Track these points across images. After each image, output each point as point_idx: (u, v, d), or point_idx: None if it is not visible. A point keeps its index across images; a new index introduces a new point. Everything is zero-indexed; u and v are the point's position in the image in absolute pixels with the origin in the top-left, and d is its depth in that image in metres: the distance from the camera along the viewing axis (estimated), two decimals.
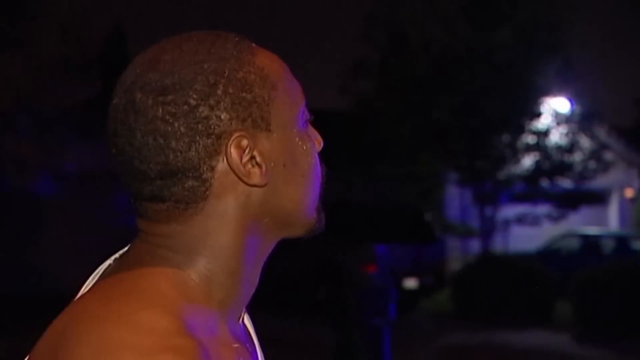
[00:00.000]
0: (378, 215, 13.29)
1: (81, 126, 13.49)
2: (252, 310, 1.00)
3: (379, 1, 15.44)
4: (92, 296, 0.83)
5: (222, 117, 0.85)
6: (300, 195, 0.91)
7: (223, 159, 0.86)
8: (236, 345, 0.87)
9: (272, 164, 0.88)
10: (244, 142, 0.86)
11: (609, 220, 24.63)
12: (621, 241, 17.56)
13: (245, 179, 0.86)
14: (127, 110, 0.86)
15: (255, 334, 1.00)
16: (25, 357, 0.84)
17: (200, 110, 0.85)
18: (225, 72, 0.86)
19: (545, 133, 15.76)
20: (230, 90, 0.86)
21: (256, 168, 0.87)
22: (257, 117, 0.87)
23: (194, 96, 0.85)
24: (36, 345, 0.81)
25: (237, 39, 0.90)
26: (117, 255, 0.92)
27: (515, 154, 15.58)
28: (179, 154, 0.85)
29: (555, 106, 16.14)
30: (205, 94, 0.85)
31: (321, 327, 5.91)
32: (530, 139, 15.68)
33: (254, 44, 0.92)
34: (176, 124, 0.84)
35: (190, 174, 0.85)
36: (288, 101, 0.90)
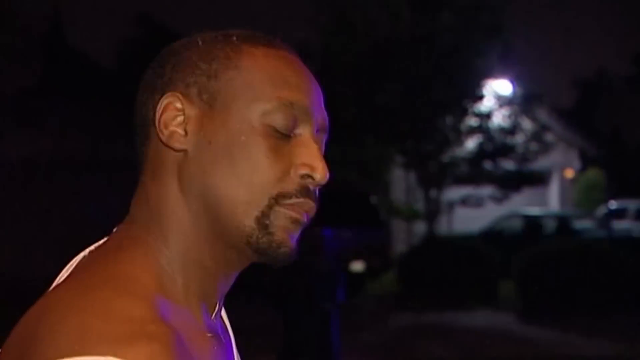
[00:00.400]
0: (324, 198, 13.25)
1: (21, 113, 13.21)
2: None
3: None
4: (67, 286, 0.82)
5: (174, 77, 0.90)
6: (227, 184, 0.87)
7: None
8: (210, 335, 0.87)
9: (199, 137, 0.88)
10: (178, 105, 0.88)
11: (550, 201, 25.09)
12: (562, 221, 17.91)
13: (163, 138, 0.88)
14: None
15: (232, 332, 0.99)
16: None
17: (165, 67, 0.91)
18: (199, 43, 0.91)
19: (487, 115, 15.95)
20: (193, 57, 0.90)
21: (181, 134, 0.88)
22: (202, 88, 0.89)
23: (168, 55, 0.92)
24: (9, 336, 0.80)
25: (261, 34, 0.93)
26: (92, 247, 0.91)
27: (459, 136, 15.75)
28: (142, 104, 0.91)
29: (497, 88, 16.34)
30: (174, 55, 0.91)
31: (269, 313, 5.91)
32: (473, 122, 15.86)
33: (276, 41, 0.93)
34: (148, 76, 0.92)
35: (141, 126, 0.91)
36: (252, 91, 0.88)
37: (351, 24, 15.16)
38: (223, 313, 0.98)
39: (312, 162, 0.89)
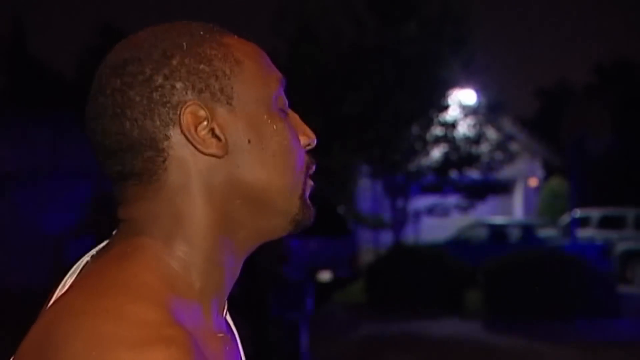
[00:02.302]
0: None
1: None
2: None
3: None
4: (75, 293, 0.80)
5: (177, 86, 0.86)
6: (271, 175, 0.89)
7: (178, 128, 0.86)
8: (221, 335, 0.87)
9: (233, 138, 0.88)
10: (201, 113, 0.86)
11: (514, 209, 25.31)
12: (526, 229, 18.06)
13: (200, 148, 0.86)
14: (95, 89, 0.88)
15: (235, 329, 1.00)
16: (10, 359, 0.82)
17: (154, 79, 0.86)
18: (183, 45, 0.88)
19: (453, 125, 16.05)
20: (187, 62, 0.87)
21: (214, 139, 0.87)
22: (216, 90, 0.88)
23: (150, 66, 0.86)
24: (20, 347, 0.78)
25: (210, 24, 0.92)
26: (93, 252, 0.90)
27: (425, 146, 15.83)
28: (134, 122, 0.85)
29: (462, 98, 16.46)
30: (160, 64, 0.86)
31: (238, 323, 5.88)
32: (439, 131, 15.95)
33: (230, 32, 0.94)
34: (131, 93, 0.85)
35: (148, 144, 0.86)
36: (256, 80, 0.90)
37: (317, 34, 15.20)
38: (228, 315, 0.99)
39: (306, 131, 0.96)
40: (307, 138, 0.95)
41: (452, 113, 16.13)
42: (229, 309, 0.99)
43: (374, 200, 19.13)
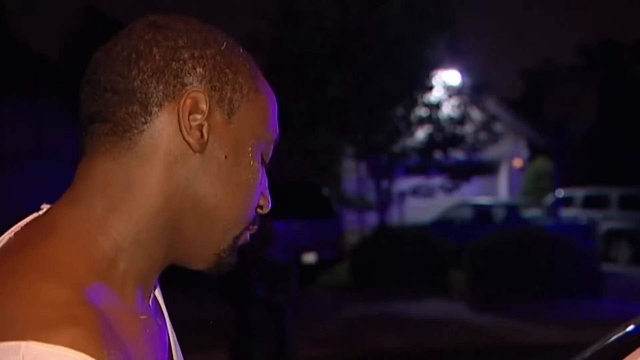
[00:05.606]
0: (275, 191, 13.21)
1: None
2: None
3: None
4: None
5: (197, 70, 0.86)
6: (226, 199, 0.88)
7: (175, 105, 0.85)
8: (143, 317, 0.86)
9: (214, 145, 0.87)
10: (202, 105, 0.86)
11: (499, 190, 25.40)
12: (511, 210, 18.14)
13: (183, 131, 0.85)
14: (124, 32, 0.89)
15: (166, 311, 0.98)
16: None
17: (182, 52, 0.86)
18: (223, 45, 0.89)
19: (437, 106, 16.04)
20: (218, 58, 0.87)
21: (198, 133, 0.86)
22: (226, 97, 0.88)
23: (185, 40, 0.87)
24: None
25: (248, 53, 0.93)
26: (17, 228, 0.87)
27: (409, 126, 15.82)
28: (141, 74, 0.85)
29: (446, 79, 16.44)
30: (195, 45, 0.87)
31: (221, 306, 5.88)
32: (423, 112, 15.93)
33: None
34: (155, 50, 0.86)
35: (139, 99, 0.85)
36: (261, 117, 0.91)
37: (300, 15, 15.11)
38: (158, 293, 0.97)
39: (267, 195, 0.94)
40: (265, 200, 0.94)
41: (437, 94, 16.11)
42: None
43: (359, 182, 19.13)
